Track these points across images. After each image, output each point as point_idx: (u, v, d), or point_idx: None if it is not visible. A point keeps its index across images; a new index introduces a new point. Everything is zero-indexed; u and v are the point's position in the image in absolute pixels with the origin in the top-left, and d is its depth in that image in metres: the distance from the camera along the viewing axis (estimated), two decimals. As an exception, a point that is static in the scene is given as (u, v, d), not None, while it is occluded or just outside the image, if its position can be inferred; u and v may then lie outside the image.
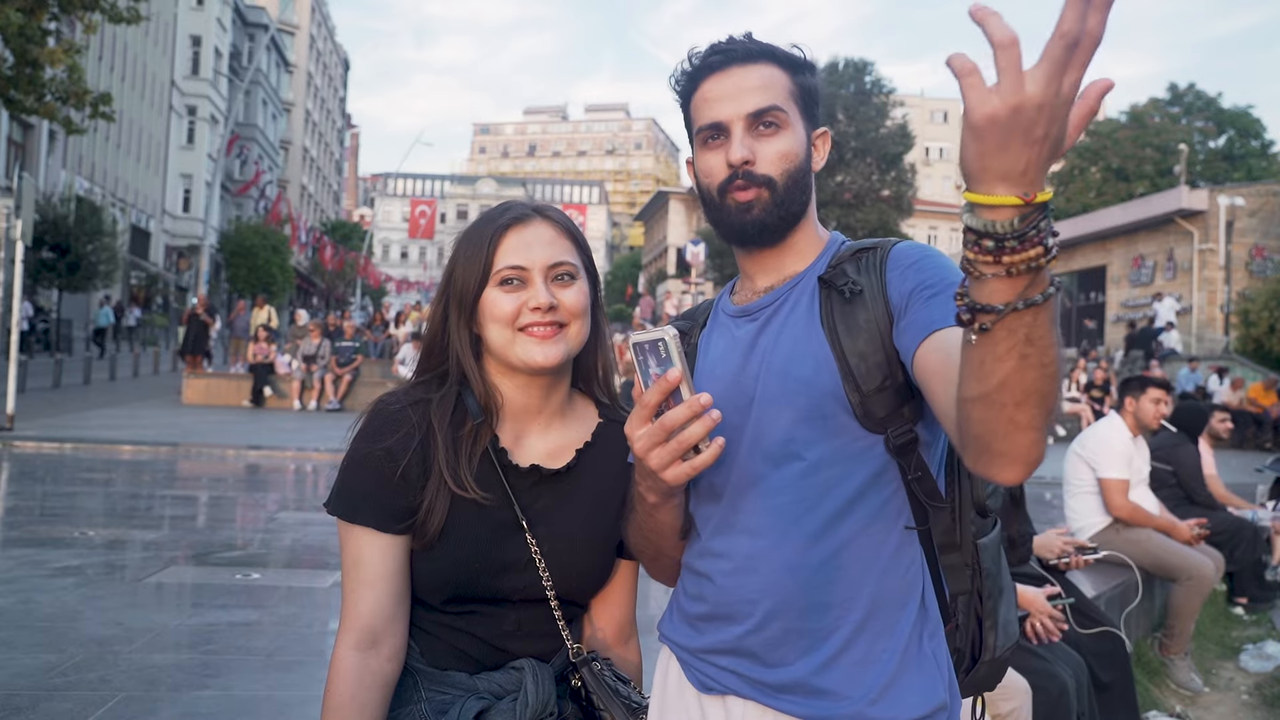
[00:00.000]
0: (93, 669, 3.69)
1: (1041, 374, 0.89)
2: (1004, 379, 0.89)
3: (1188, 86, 44.89)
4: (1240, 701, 4.76)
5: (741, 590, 1.24)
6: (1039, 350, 0.87)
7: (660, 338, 1.10)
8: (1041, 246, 0.82)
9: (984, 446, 0.96)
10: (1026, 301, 0.84)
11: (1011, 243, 0.82)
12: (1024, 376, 0.88)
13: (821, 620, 1.20)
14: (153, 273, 39.23)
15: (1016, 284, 0.84)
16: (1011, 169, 0.80)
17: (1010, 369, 0.88)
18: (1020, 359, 0.87)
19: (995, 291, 0.85)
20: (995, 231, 0.82)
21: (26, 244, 11.97)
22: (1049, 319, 0.87)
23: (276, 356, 17.72)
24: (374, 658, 1.33)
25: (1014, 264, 0.83)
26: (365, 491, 1.36)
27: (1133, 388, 5.06)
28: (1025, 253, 0.82)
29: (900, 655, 1.19)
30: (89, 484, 9.10)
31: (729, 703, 1.26)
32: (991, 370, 0.89)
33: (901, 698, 1.18)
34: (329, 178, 77.37)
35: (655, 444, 1.08)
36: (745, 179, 1.26)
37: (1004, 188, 0.81)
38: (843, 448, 1.20)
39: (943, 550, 1.23)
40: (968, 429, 0.97)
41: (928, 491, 1.20)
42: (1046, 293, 0.85)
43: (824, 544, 1.20)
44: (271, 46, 51.20)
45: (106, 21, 16.38)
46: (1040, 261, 0.83)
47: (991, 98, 0.78)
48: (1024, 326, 0.86)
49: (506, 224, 1.40)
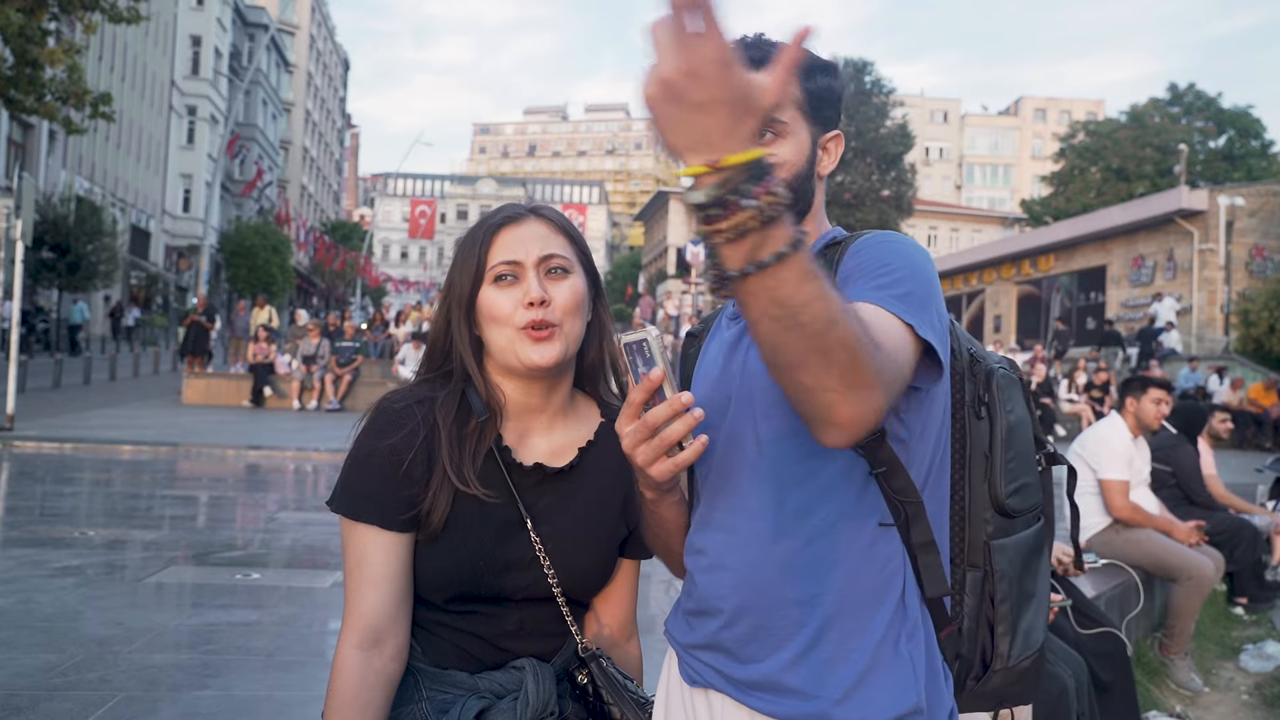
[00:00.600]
0: (93, 669, 3.69)
1: (801, 335, 0.88)
2: (771, 344, 0.90)
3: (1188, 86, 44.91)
4: (1240, 701, 4.76)
5: (715, 586, 1.24)
6: (790, 311, 0.86)
7: (644, 338, 1.13)
8: (751, 208, 0.82)
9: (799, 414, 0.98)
10: (757, 265, 0.84)
11: (714, 210, 0.83)
12: (784, 339, 0.88)
13: (789, 617, 1.18)
14: (153, 273, 39.24)
15: (740, 249, 0.84)
16: (694, 139, 0.82)
17: (769, 332, 0.89)
18: (774, 321, 0.88)
19: (728, 258, 0.86)
20: (698, 202, 0.84)
21: (26, 244, 11.97)
22: (793, 279, 0.86)
23: (276, 356, 17.73)
24: (376, 657, 1.33)
25: (722, 230, 0.83)
26: (369, 489, 1.36)
27: (1134, 388, 5.05)
28: (732, 218, 0.83)
29: (871, 655, 1.16)
30: (89, 484, 9.11)
31: (711, 697, 1.26)
32: (758, 337, 0.91)
33: (870, 699, 1.15)
34: (329, 178, 77.39)
35: (640, 441, 1.10)
36: None
37: (692, 157, 0.83)
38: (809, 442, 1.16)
39: (920, 550, 1.19)
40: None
41: (898, 488, 1.17)
42: (779, 253, 0.84)
43: (790, 540, 1.19)
44: (271, 46, 51.20)
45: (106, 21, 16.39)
46: (750, 224, 0.83)
47: (650, 79, 0.82)
48: (765, 290, 0.86)
49: (500, 223, 1.41)
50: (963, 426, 1.26)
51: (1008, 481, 1.26)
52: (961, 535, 1.25)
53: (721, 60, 0.79)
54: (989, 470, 1.26)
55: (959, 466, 1.26)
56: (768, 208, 0.83)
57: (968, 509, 1.25)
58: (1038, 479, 1.32)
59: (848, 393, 0.92)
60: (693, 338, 1.46)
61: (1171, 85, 45.78)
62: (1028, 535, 1.29)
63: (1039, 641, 1.28)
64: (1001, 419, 1.27)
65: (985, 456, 1.26)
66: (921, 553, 1.19)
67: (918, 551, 1.19)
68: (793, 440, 1.19)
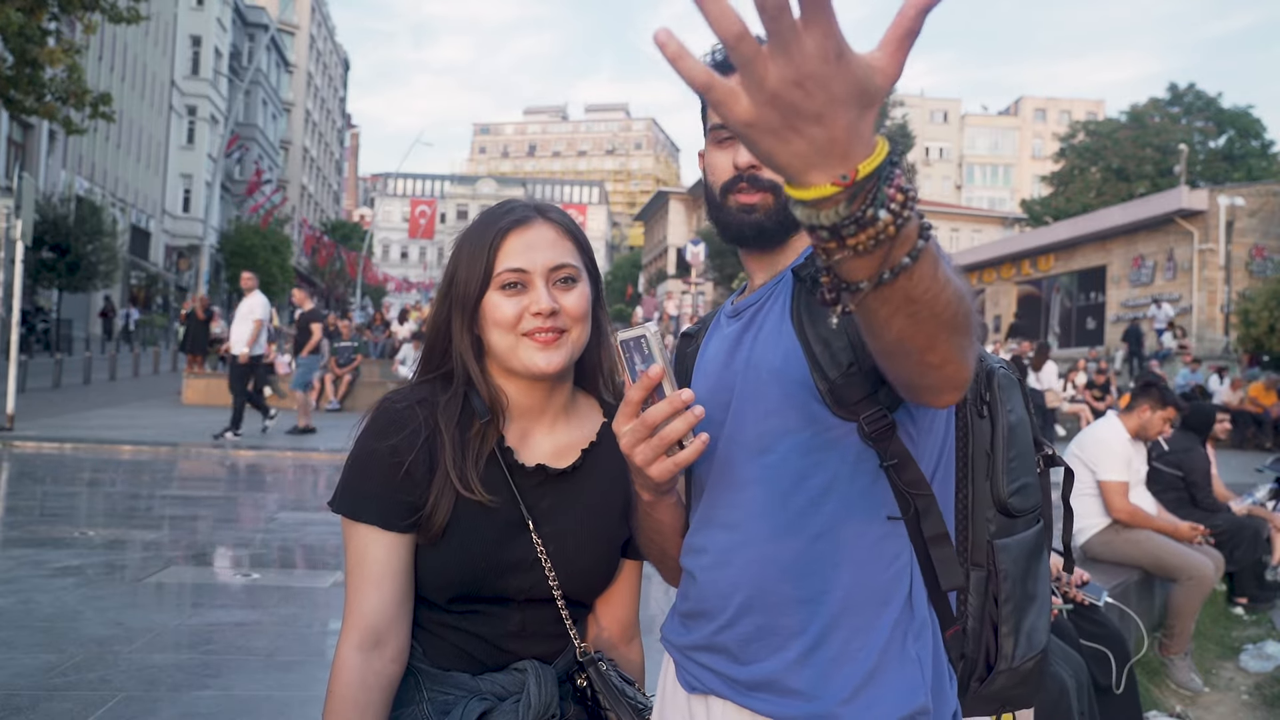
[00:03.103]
0: (93, 669, 3.69)
1: (937, 322, 0.83)
2: (899, 336, 0.84)
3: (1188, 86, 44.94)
4: (1240, 701, 4.76)
5: (716, 585, 1.22)
6: (926, 304, 0.81)
7: (642, 334, 1.10)
8: (887, 214, 0.73)
9: (907, 384, 0.93)
10: (894, 270, 0.77)
11: (849, 229, 0.73)
12: (919, 329, 0.83)
13: (793, 616, 1.16)
14: (153, 273, 39.23)
15: (874, 258, 0.76)
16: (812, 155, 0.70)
17: (901, 327, 0.83)
18: (909, 318, 0.82)
19: (855, 270, 0.77)
20: (825, 225, 0.74)
21: (26, 244, 11.96)
22: (927, 272, 0.79)
23: (276, 356, 17.72)
24: (377, 658, 1.33)
25: (860, 244, 0.74)
26: (370, 490, 1.35)
27: (1153, 397, 4.91)
28: (869, 230, 0.73)
29: (878, 654, 1.14)
30: (89, 484, 9.10)
31: (710, 703, 1.24)
32: (883, 331, 0.85)
33: (876, 699, 1.13)
34: (329, 178, 77.35)
35: (639, 440, 1.08)
36: (750, 183, 1.25)
37: (816, 176, 0.71)
38: (814, 437, 1.17)
39: (933, 543, 1.17)
40: (887, 374, 0.94)
41: (909, 481, 1.15)
42: (915, 250, 0.77)
43: (795, 537, 1.17)
44: (271, 46, 51.19)
45: (106, 21, 16.38)
46: (890, 231, 0.74)
47: (739, 99, 0.69)
48: (899, 292, 0.79)
49: (508, 226, 1.39)
50: (965, 425, 1.25)
51: (1009, 481, 1.25)
52: (965, 534, 1.24)
53: (836, 53, 0.66)
54: (991, 469, 1.25)
55: (962, 464, 1.24)
56: (902, 209, 0.74)
57: (971, 508, 1.24)
58: (1038, 480, 1.32)
59: (965, 355, 0.90)
60: (689, 338, 1.45)
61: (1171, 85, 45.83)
62: (1029, 536, 1.28)
63: (1042, 643, 1.27)
64: (1002, 418, 1.26)
65: (987, 455, 1.25)
66: (934, 545, 1.17)
67: (930, 544, 1.17)
68: (798, 436, 1.17)
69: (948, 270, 0.83)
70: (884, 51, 0.70)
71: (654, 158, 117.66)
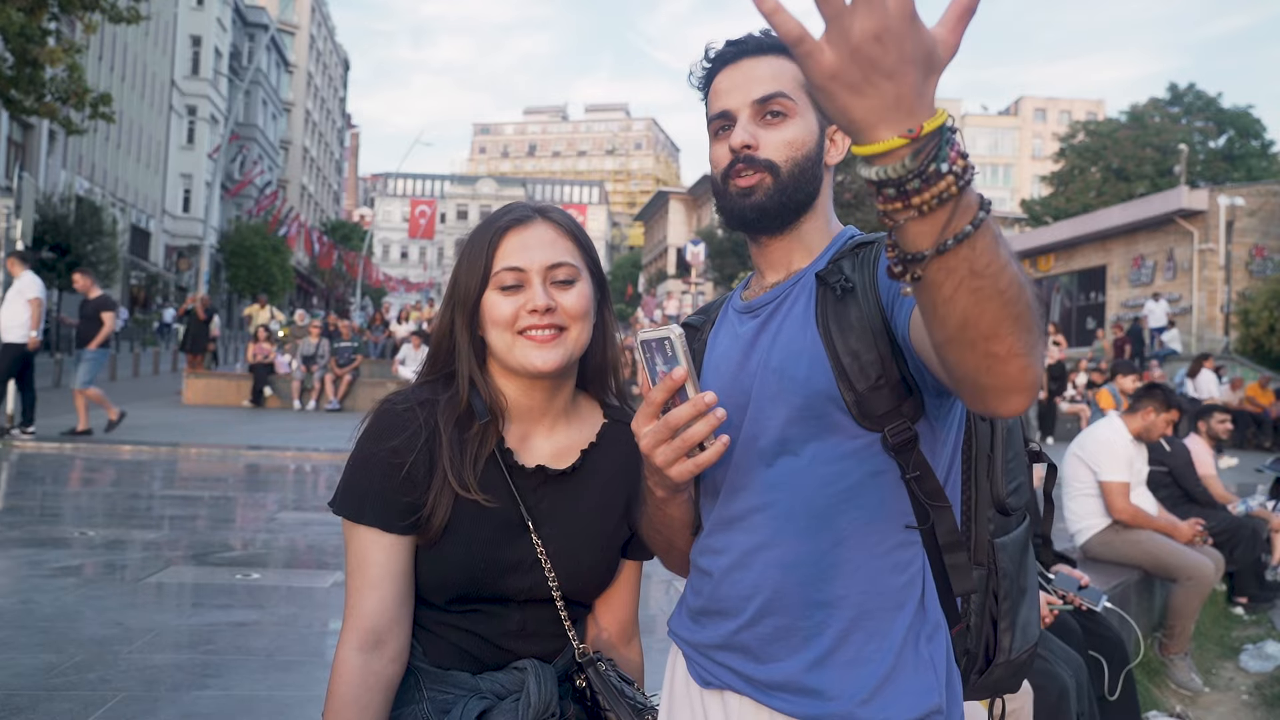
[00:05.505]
0: (93, 669, 3.68)
1: (1001, 302, 0.83)
2: (963, 318, 0.85)
3: (1188, 86, 44.90)
4: (1240, 701, 4.76)
5: (736, 586, 1.24)
6: (989, 280, 0.82)
7: (666, 336, 1.10)
8: (950, 175, 0.77)
9: (973, 385, 0.93)
10: (957, 237, 0.79)
11: (914, 183, 0.77)
12: (984, 310, 0.84)
13: (813, 618, 1.18)
14: (153, 273, 39.23)
15: (936, 221, 0.79)
16: (883, 110, 0.76)
17: (965, 306, 0.83)
18: (972, 294, 0.83)
19: (920, 236, 0.80)
20: (892, 178, 0.78)
21: (26, 244, 11.97)
22: (989, 245, 0.81)
23: (276, 356, 17.73)
24: (377, 659, 1.33)
25: (925, 202, 0.78)
26: (371, 491, 1.36)
27: (1157, 399, 4.91)
28: (933, 188, 0.77)
29: (895, 656, 1.16)
30: (89, 484, 9.10)
31: (727, 698, 1.26)
32: (947, 313, 0.85)
33: (893, 699, 1.15)
34: (329, 178, 77.36)
35: (660, 441, 1.09)
36: (746, 163, 1.25)
37: (885, 130, 0.77)
38: (838, 445, 1.18)
39: (947, 550, 1.19)
40: (953, 373, 0.94)
41: (928, 491, 1.17)
42: (977, 220, 0.79)
43: (817, 541, 1.18)
44: (271, 46, 51.19)
45: (106, 21, 16.38)
46: (953, 190, 0.77)
47: (824, 51, 0.75)
48: (963, 262, 0.81)
49: (506, 226, 1.39)
50: (970, 428, 1.27)
51: (1007, 481, 1.28)
52: (969, 534, 1.26)
53: (910, 13, 0.73)
54: (991, 470, 1.27)
55: (966, 467, 1.26)
56: (964, 172, 0.78)
57: (975, 509, 1.26)
58: (1030, 477, 1.35)
59: (1033, 354, 0.89)
60: (692, 329, 1.43)
61: (1171, 85, 45.78)
62: (1020, 532, 1.31)
63: (1035, 635, 1.31)
64: (1001, 420, 1.28)
65: (988, 457, 1.28)
66: (949, 552, 1.19)
67: (945, 551, 1.19)
68: (821, 444, 1.19)
69: (1008, 252, 0.84)
70: (944, 27, 0.78)
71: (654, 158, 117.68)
